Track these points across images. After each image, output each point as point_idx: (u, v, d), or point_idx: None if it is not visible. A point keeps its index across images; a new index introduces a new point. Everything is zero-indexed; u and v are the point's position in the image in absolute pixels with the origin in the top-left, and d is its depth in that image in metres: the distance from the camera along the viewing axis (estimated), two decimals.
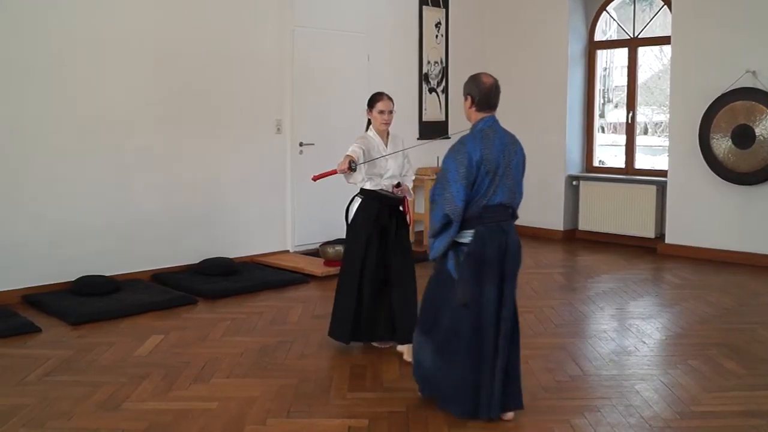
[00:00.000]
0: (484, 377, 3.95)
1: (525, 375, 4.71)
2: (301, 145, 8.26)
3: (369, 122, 5.26)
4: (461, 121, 10.29)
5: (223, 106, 7.63)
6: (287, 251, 8.27)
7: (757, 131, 7.88)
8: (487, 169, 3.92)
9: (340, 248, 7.56)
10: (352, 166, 4.87)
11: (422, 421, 4.03)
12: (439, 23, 9.72)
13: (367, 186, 5.15)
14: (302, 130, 8.27)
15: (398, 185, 5.15)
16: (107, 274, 6.76)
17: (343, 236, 8.34)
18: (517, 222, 4.22)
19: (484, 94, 4.05)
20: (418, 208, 9.06)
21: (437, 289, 4.16)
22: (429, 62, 9.62)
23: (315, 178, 5.13)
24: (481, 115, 4.09)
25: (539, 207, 9.62)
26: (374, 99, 5.22)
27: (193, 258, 7.42)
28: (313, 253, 8.12)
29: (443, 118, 9.78)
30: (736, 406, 4.25)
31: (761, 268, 7.82)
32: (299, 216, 8.31)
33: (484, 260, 3.94)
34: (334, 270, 7.41)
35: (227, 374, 4.74)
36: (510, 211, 4.06)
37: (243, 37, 7.74)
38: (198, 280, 6.95)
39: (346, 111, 8.62)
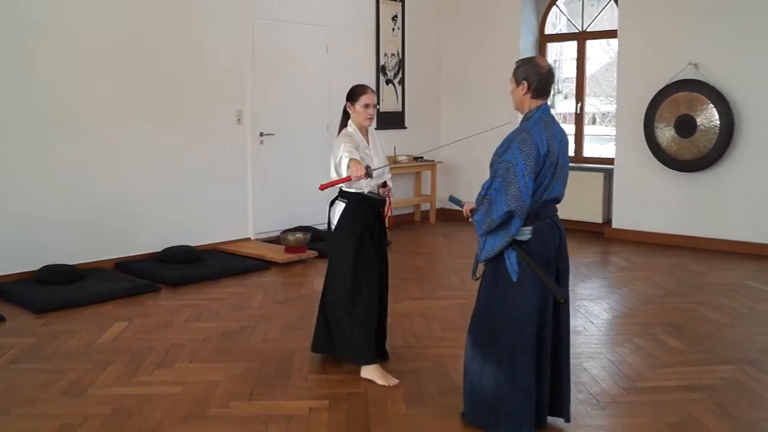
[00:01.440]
0: (543, 386, 3.61)
1: None
2: (261, 135, 8.21)
3: (345, 117, 4.63)
4: (417, 111, 10.34)
5: (184, 96, 7.55)
6: (249, 239, 8.22)
7: (698, 121, 8.02)
8: (551, 161, 3.52)
9: (300, 235, 7.56)
10: (369, 172, 4.23)
11: (381, 401, 4.04)
12: (396, 17, 9.71)
13: (353, 188, 4.47)
14: (263, 120, 8.22)
15: (384, 185, 4.56)
16: (70, 263, 6.66)
17: (304, 224, 8.40)
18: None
19: (542, 79, 3.61)
20: None
21: (492, 294, 3.65)
22: (386, 54, 9.61)
23: (323, 187, 4.32)
24: (536, 102, 3.64)
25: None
26: (358, 92, 4.55)
27: (155, 246, 7.34)
28: (274, 241, 8.09)
29: (400, 109, 9.79)
30: (678, 381, 4.34)
31: (702, 250, 7.97)
32: (260, 204, 8.27)
33: (543, 258, 3.54)
34: (295, 257, 7.41)
35: (191, 359, 4.71)
36: (556, 205, 3.68)
37: (204, 29, 7.65)
38: (161, 268, 6.88)
39: (305, 102, 8.60)
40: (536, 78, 3.60)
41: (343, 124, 4.63)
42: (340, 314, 4.47)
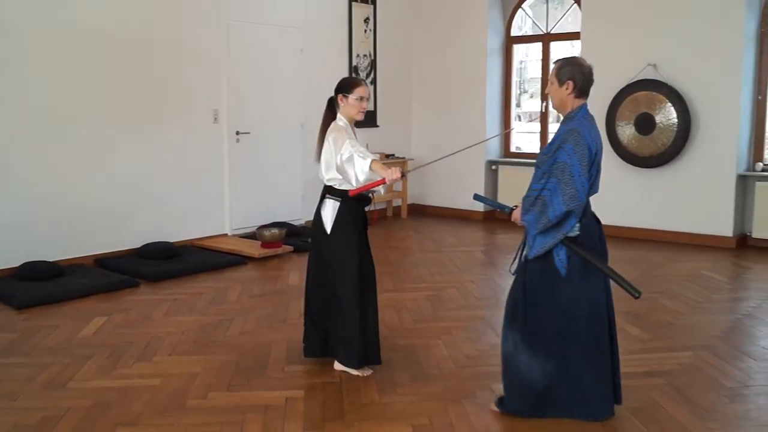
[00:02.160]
0: (603, 376, 3.58)
1: (449, 344, 4.80)
2: (237, 133, 8.16)
3: (330, 110, 4.31)
4: (389, 110, 10.32)
5: (162, 96, 7.48)
6: (225, 235, 8.18)
7: (657, 119, 8.11)
8: (597, 159, 3.52)
9: (276, 231, 7.54)
10: (404, 174, 3.97)
11: (355, 390, 4.05)
12: (368, 18, 9.70)
13: (346, 186, 4.14)
14: (238, 119, 8.17)
15: None
16: (51, 259, 6.58)
17: (279, 220, 8.38)
18: (439, 204, 4.07)
19: (587, 79, 3.57)
20: None
21: (540, 288, 3.60)
22: (358, 55, 9.60)
23: (353, 193, 4.06)
24: (578, 102, 3.59)
25: (461, 190, 9.74)
26: (352, 84, 4.25)
27: (134, 242, 7.28)
28: (251, 236, 8.06)
29: (372, 108, 9.78)
30: (640, 368, 4.39)
31: (661, 242, 8.07)
32: (237, 200, 8.23)
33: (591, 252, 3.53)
34: (271, 252, 7.39)
35: (169, 352, 4.69)
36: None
37: (181, 31, 7.58)
38: (139, 264, 6.83)
39: (280, 101, 8.58)
40: (581, 78, 3.56)
41: (330, 117, 4.29)
42: (347, 317, 4.20)
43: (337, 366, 4.33)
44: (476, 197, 4.13)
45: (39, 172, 6.60)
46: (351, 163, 3.95)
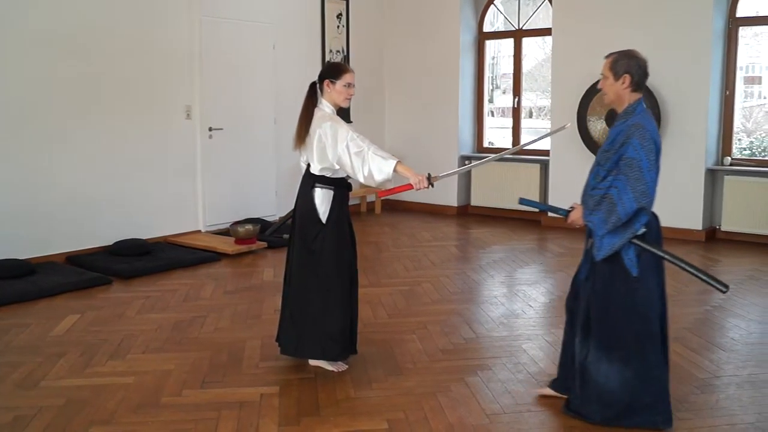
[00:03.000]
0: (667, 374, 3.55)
1: (422, 338, 4.82)
2: (210, 129, 8.11)
3: (311, 96, 4.18)
4: (362, 106, 10.30)
5: (134, 92, 7.40)
6: (199, 231, 8.13)
7: None
8: (660, 155, 3.41)
9: (250, 227, 7.50)
10: (431, 182, 4.01)
11: (330, 385, 4.05)
12: (341, 14, 9.68)
13: (339, 174, 4.13)
14: (211, 115, 8.11)
15: None
16: (21, 257, 6.49)
17: (253, 216, 8.34)
18: (413, 199, 4.02)
19: (643, 72, 3.50)
20: None
21: (612, 294, 3.47)
22: (331, 51, 9.57)
23: (382, 194, 4.20)
24: (635, 96, 3.50)
25: (435, 185, 9.74)
26: (340, 70, 4.15)
27: (106, 239, 7.21)
28: (224, 233, 8.01)
29: (346, 105, 9.73)
30: None
31: None
32: (210, 197, 8.17)
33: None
34: (244, 248, 7.35)
35: (143, 350, 4.65)
36: None
37: (153, 26, 7.51)
38: (112, 261, 6.76)
39: (253, 97, 8.53)
40: (638, 71, 3.48)
41: (311, 103, 4.16)
42: (336, 307, 4.14)
43: (312, 361, 4.32)
44: (522, 201, 3.90)
45: (8, 169, 6.50)
46: (361, 158, 3.89)
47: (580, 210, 3.57)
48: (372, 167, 3.89)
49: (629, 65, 3.48)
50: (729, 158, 8.07)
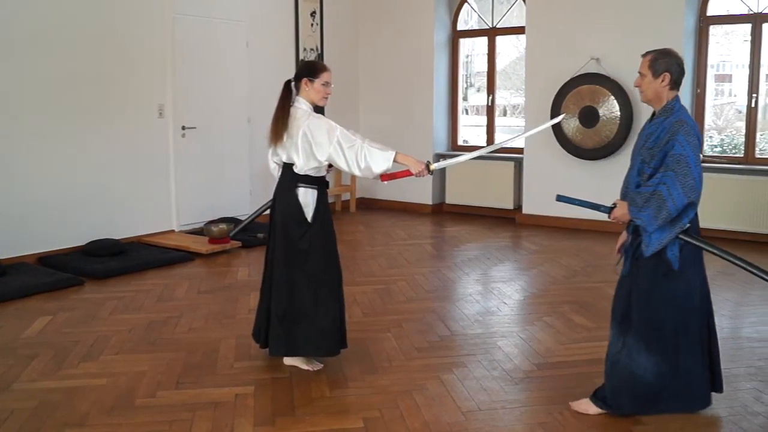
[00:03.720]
0: (705, 366, 3.64)
1: (397, 337, 4.83)
2: (183, 128, 8.05)
3: (287, 94, 4.17)
4: (336, 103, 10.29)
5: (106, 90, 7.33)
6: (172, 231, 8.07)
7: (601, 112, 8.25)
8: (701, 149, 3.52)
9: (223, 226, 7.47)
10: (430, 169, 4.05)
11: (305, 384, 4.04)
12: (315, 12, 9.65)
13: (322, 173, 4.18)
14: (184, 114, 8.06)
15: (331, 166, 4.19)
16: None
17: (227, 215, 8.29)
18: (388, 197, 4.06)
19: (682, 70, 3.59)
20: None
21: (653, 286, 3.55)
22: (305, 49, 9.55)
23: (385, 179, 4.11)
24: (673, 93, 3.58)
25: (409, 183, 9.70)
26: (318, 68, 4.14)
27: (79, 240, 7.13)
28: (198, 232, 7.97)
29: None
30: (585, 356, 4.49)
31: (605, 233, 8.22)
32: (183, 196, 8.12)
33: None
34: (218, 247, 7.32)
35: (117, 351, 4.61)
36: None
37: (125, 24, 7.43)
38: (85, 261, 6.70)
39: (226, 96, 8.49)
40: (677, 70, 3.57)
41: (288, 101, 4.15)
42: (327, 304, 4.16)
43: (287, 360, 4.31)
44: (560, 198, 3.87)
45: None
46: (355, 152, 3.93)
47: (624, 206, 3.63)
48: (370, 160, 3.93)
49: (669, 63, 3.57)
50: (701, 155, 8.16)
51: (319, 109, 4.22)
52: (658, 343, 3.55)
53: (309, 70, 4.15)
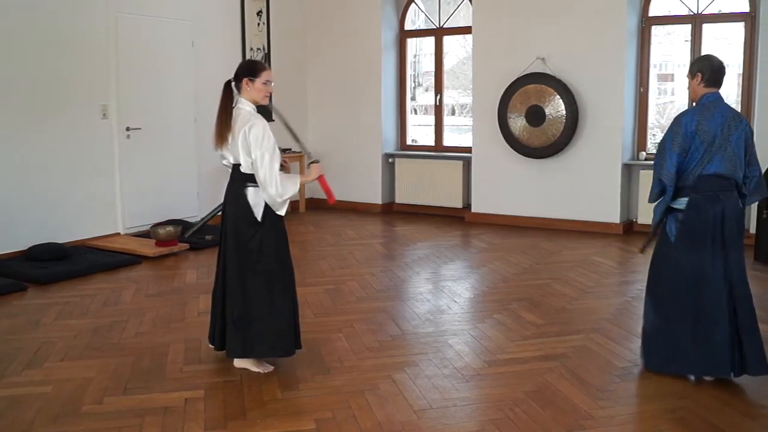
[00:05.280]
0: (698, 339, 3.98)
1: (349, 337, 4.83)
2: (128, 129, 7.92)
3: (228, 94, 4.18)
4: (284, 104, 10.24)
5: (48, 91, 7.16)
6: (118, 234, 7.93)
7: (547, 111, 8.37)
8: (702, 139, 3.96)
9: (171, 228, 7.37)
10: (317, 161, 4.33)
11: (257, 387, 4.02)
12: (261, 12, 9.59)
13: None
14: (129, 114, 7.92)
15: (285, 163, 4.23)
16: None
17: (174, 217, 8.19)
18: (337, 197, 4.07)
19: (714, 70, 4.06)
20: None
21: (658, 251, 4.22)
22: (252, 49, 9.48)
23: (333, 201, 4.46)
24: (706, 90, 4.08)
25: (358, 183, 9.82)
26: (258, 67, 4.16)
27: (20, 244, 6.95)
28: (145, 235, 7.84)
29: (266, 102, 9.66)
30: (535, 352, 4.54)
31: (553, 230, 8.35)
32: (129, 198, 7.98)
33: (698, 227, 3.99)
34: (166, 250, 7.22)
35: (62, 357, 4.51)
36: (731, 182, 4.01)
37: (67, 23, 7.27)
38: (27, 266, 6.53)
39: (172, 96, 8.37)
40: (708, 69, 4.06)
41: (229, 101, 4.15)
42: (281, 304, 4.17)
43: (237, 363, 4.28)
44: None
45: None
46: (273, 173, 3.97)
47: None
48: (281, 190, 4.02)
49: (701, 65, 4.11)
50: (644, 153, 8.35)
51: (262, 109, 4.21)
52: (652, 300, 4.19)
53: (249, 69, 4.16)
